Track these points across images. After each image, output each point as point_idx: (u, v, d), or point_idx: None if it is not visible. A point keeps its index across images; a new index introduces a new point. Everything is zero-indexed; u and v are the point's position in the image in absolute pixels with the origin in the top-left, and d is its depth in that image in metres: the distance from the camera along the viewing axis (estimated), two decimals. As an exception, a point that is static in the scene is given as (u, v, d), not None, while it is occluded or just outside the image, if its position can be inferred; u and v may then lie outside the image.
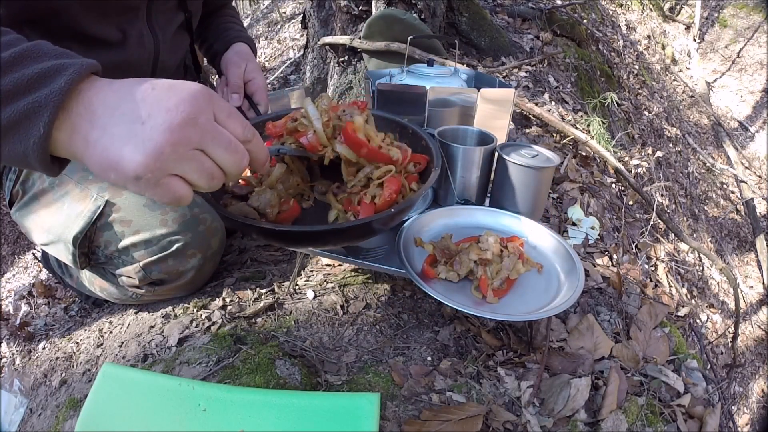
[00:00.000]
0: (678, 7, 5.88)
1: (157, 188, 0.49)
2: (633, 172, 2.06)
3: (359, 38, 2.08)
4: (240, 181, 0.80)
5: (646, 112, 3.55)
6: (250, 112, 1.11)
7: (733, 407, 2.65)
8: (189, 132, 0.49)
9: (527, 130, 1.82)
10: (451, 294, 0.78)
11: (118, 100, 0.49)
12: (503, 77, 2.16)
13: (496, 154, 0.98)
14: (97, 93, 0.49)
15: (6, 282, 2.26)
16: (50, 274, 1.38)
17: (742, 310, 3.17)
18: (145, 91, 0.49)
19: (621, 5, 4.80)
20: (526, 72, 2.24)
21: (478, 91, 1.11)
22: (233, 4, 1.36)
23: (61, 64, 0.49)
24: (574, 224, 1.30)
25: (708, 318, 2.46)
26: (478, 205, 1.03)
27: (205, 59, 1.32)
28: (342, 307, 0.94)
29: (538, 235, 0.92)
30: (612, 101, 2.48)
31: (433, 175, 0.76)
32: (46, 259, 1.28)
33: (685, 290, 2.06)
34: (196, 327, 0.91)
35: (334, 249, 0.89)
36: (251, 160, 0.57)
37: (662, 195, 2.60)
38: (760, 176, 4.40)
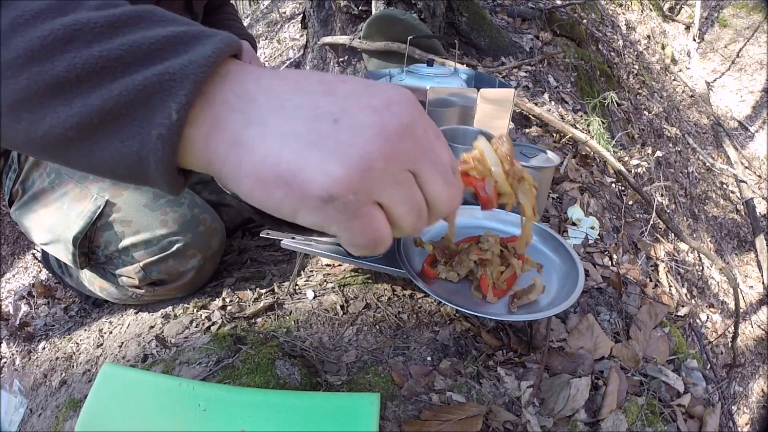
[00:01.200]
0: (678, 6, 5.89)
1: (353, 220, 0.32)
2: (633, 171, 2.06)
3: (359, 38, 2.08)
4: None
5: (645, 112, 3.55)
6: None
7: (733, 407, 2.65)
8: (406, 145, 0.33)
9: (527, 130, 1.82)
10: (451, 294, 0.78)
11: (288, 90, 0.33)
12: (503, 77, 2.16)
13: (496, 154, 0.98)
14: (257, 79, 0.33)
15: (6, 282, 2.27)
16: (50, 274, 1.38)
17: (742, 310, 3.17)
18: (330, 84, 0.34)
19: (621, 5, 4.80)
20: (525, 72, 2.24)
21: (478, 91, 1.11)
22: (233, 3, 1.36)
23: (200, 31, 0.34)
24: (573, 224, 1.30)
25: (708, 318, 2.46)
26: (476, 204, 1.03)
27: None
28: (342, 307, 0.94)
29: (537, 235, 0.92)
30: (612, 101, 2.48)
31: None
32: (46, 259, 1.28)
33: (685, 290, 2.06)
34: (195, 327, 0.91)
35: (335, 249, 0.89)
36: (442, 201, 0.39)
37: (662, 195, 2.60)
38: (759, 176, 4.41)
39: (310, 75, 0.35)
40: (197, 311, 0.96)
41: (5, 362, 1.16)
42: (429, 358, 0.83)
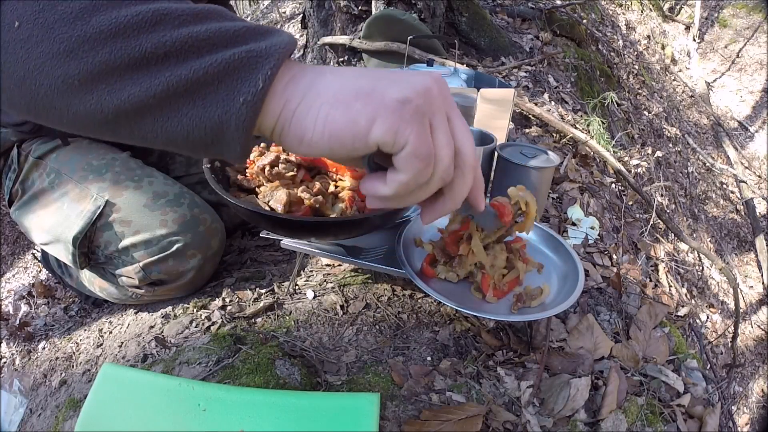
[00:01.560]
0: (678, 7, 5.88)
1: (422, 125, 0.39)
2: (633, 171, 2.06)
3: (359, 38, 2.08)
4: (248, 175, 0.80)
5: (645, 112, 3.55)
6: None
7: (733, 407, 2.65)
8: (446, 97, 0.42)
9: (527, 130, 1.82)
10: (451, 294, 0.78)
11: (349, 71, 0.41)
12: (503, 77, 2.16)
13: (496, 154, 0.98)
14: (320, 69, 0.41)
15: (6, 282, 2.26)
16: (50, 274, 1.38)
17: (741, 310, 3.17)
18: (379, 71, 0.42)
19: (621, 5, 4.80)
20: (525, 72, 2.24)
21: (478, 91, 1.11)
22: (234, 4, 1.35)
23: (272, 27, 0.41)
24: (573, 224, 1.30)
25: (708, 318, 2.46)
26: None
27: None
28: (342, 307, 0.94)
29: (538, 235, 0.92)
30: (612, 101, 2.49)
31: None
32: (45, 259, 1.28)
33: (684, 290, 2.07)
34: (195, 327, 0.91)
35: (335, 249, 0.89)
36: (455, 187, 0.45)
37: (662, 195, 2.60)
38: (759, 176, 4.41)
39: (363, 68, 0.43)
40: (197, 311, 0.96)
41: (5, 362, 1.16)
42: (429, 358, 0.83)
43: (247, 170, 0.81)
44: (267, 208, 0.74)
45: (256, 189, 0.78)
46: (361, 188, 0.44)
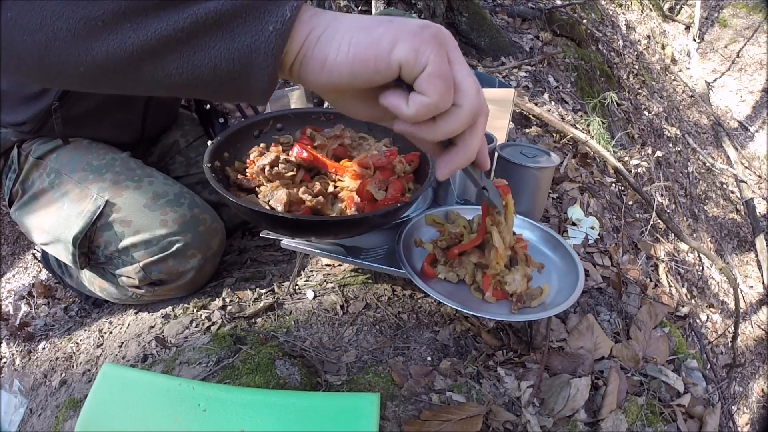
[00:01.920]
0: (678, 6, 5.88)
1: (441, 48, 0.40)
2: (633, 171, 2.06)
3: (359, 38, 2.08)
4: (248, 174, 0.80)
5: (645, 112, 3.55)
6: (249, 110, 1.11)
7: (733, 407, 2.65)
8: (443, 37, 0.42)
9: (527, 130, 1.82)
10: (451, 294, 0.78)
11: (358, 17, 0.43)
12: (503, 77, 2.16)
13: (496, 154, 0.98)
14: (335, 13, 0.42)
15: (6, 282, 2.26)
16: (50, 275, 1.38)
17: (742, 310, 3.17)
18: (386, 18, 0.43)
19: (621, 5, 4.80)
20: (525, 72, 2.24)
21: (478, 91, 1.11)
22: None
23: None
24: (573, 224, 1.30)
25: (708, 318, 2.46)
26: (478, 205, 1.03)
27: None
28: (342, 307, 0.94)
29: (538, 235, 0.92)
30: (612, 101, 2.49)
31: (431, 174, 0.77)
32: (45, 259, 1.28)
33: (685, 290, 2.06)
34: (195, 327, 0.91)
35: (335, 249, 0.89)
36: (448, 124, 0.44)
37: (662, 195, 2.60)
38: (759, 176, 4.41)
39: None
40: (197, 311, 0.96)
41: (5, 362, 1.16)
42: (429, 358, 0.83)
43: (246, 170, 0.81)
44: (267, 207, 0.74)
45: (256, 189, 0.78)
46: (383, 101, 0.43)
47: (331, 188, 0.80)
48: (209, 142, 0.79)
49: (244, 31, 0.37)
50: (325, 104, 2.41)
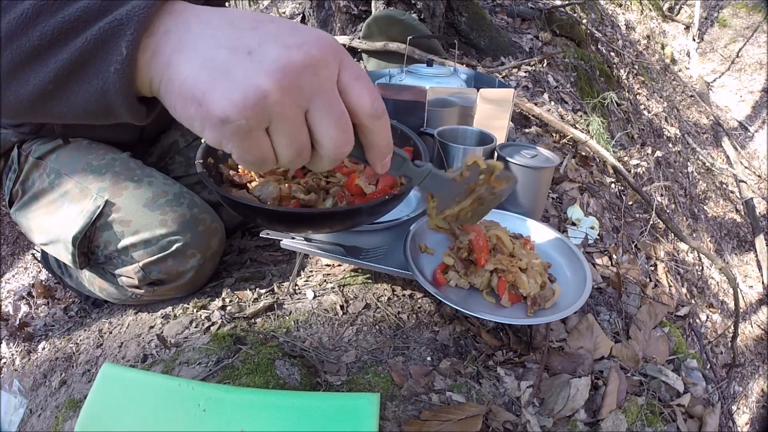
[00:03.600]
0: (677, 6, 5.89)
1: (244, 141, 0.38)
2: (632, 171, 2.06)
3: (359, 38, 2.08)
4: (240, 171, 0.80)
5: (645, 112, 3.55)
6: None
7: (732, 407, 2.65)
8: (305, 81, 0.38)
9: (527, 130, 1.82)
10: (465, 300, 0.78)
11: (223, 23, 0.39)
12: (503, 77, 2.16)
13: (496, 154, 0.98)
14: (198, 13, 0.40)
15: (6, 282, 2.26)
16: (50, 275, 1.38)
17: (741, 310, 3.17)
18: (261, 21, 0.40)
19: (620, 5, 4.81)
20: (525, 72, 2.24)
21: (478, 91, 1.11)
22: (234, 3, 1.35)
23: None
24: (573, 224, 1.30)
25: (708, 318, 2.46)
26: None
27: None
28: (342, 307, 0.94)
29: (543, 236, 0.92)
30: (611, 101, 2.49)
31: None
32: (45, 260, 1.28)
33: (684, 290, 2.06)
34: (195, 327, 0.90)
35: (335, 249, 0.89)
36: (370, 146, 0.45)
37: (662, 195, 2.60)
38: (759, 176, 4.41)
39: (248, 13, 0.41)
40: (197, 311, 0.96)
41: (5, 362, 1.16)
42: (429, 358, 0.83)
43: (239, 166, 0.81)
44: (257, 201, 0.74)
45: (248, 184, 0.79)
46: None
47: (323, 183, 0.81)
48: (203, 140, 0.79)
49: (95, 74, 0.39)
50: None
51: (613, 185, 1.83)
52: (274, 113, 0.38)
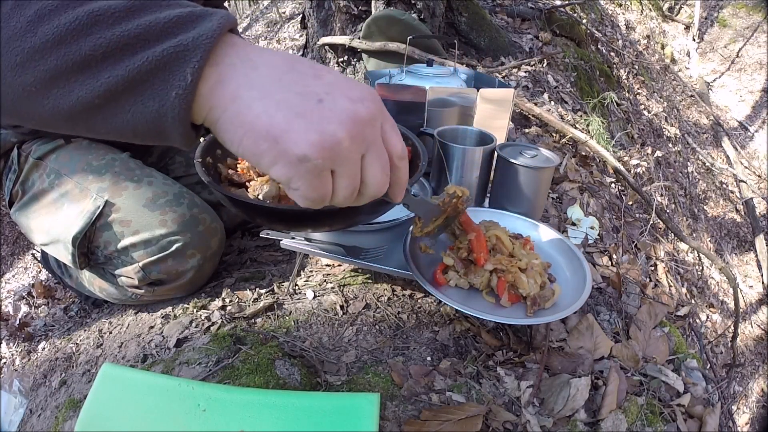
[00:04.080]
0: (677, 6, 5.89)
1: (315, 179, 0.41)
2: (632, 171, 2.06)
3: (358, 38, 2.08)
4: (239, 170, 0.80)
5: (645, 112, 3.55)
6: None
7: (732, 407, 2.65)
8: (367, 132, 0.42)
9: (527, 130, 1.82)
10: (465, 300, 0.78)
11: (285, 65, 0.41)
12: (503, 77, 2.16)
13: (496, 154, 0.98)
14: (259, 51, 0.41)
15: (5, 282, 2.26)
16: (50, 275, 1.38)
17: (741, 310, 3.17)
18: (318, 70, 0.43)
19: (620, 5, 4.81)
20: (525, 72, 2.24)
21: (478, 91, 1.11)
22: (233, 3, 1.36)
23: (203, 10, 0.41)
24: (573, 224, 1.30)
25: (708, 317, 2.46)
26: (477, 206, 1.03)
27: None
28: (342, 307, 0.94)
29: (543, 236, 0.92)
30: (611, 101, 2.49)
31: (422, 166, 0.78)
32: (45, 260, 1.28)
33: (684, 290, 2.06)
34: (195, 327, 0.90)
35: (335, 249, 0.89)
36: (395, 182, 0.50)
37: (662, 195, 2.60)
38: (759, 176, 4.41)
39: (302, 59, 0.43)
40: (197, 311, 0.96)
41: (5, 362, 1.16)
42: (429, 358, 0.83)
43: (238, 165, 0.81)
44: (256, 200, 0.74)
45: (247, 184, 0.79)
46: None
47: None
48: (202, 139, 0.79)
49: (153, 95, 0.38)
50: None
51: (613, 185, 1.83)
52: (342, 158, 0.41)
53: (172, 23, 0.39)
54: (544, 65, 2.38)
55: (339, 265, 1.07)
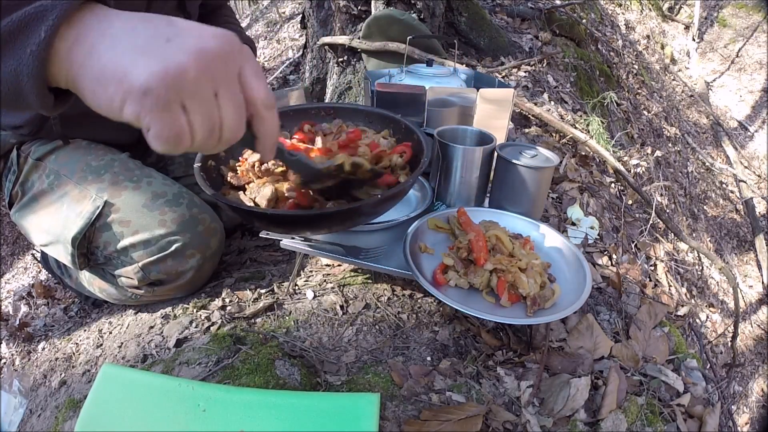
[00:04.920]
0: (677, 6, 5.89)
1: (163, 113, 0.41)
2: (632, 171, 2.06)
3: (358, 38, 2.08)
4: (239, 172, 0.81)
5: (645, 112, 3.55)
6: None
7: (732, 406, 2.65)
8: (218, 66, 0.43)
9: (526, 130, 1.82)
10: (464, 300, 0.78)
11: (142, 20, 0.43)
12: (502, 77, 2.16)
13: (496, 154, 0.98)
14: (117, 12, 0.43)
15: (5, 283, 2.26)
16: (50, 275, 1.38)
17: (741, 310, 3.17)
18: (175, 21, 0.43)
19: (620, 5, 4.81)
20: (525, 72, 2.24)
21: (478, 91, 1.11)
22: (233, 3, 1.36)
23: None
24: (573, 224, 1.30)
25: (707, 317, 2.46)
26: (477, 206, 1.03)
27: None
28: (341, 307, 0.94)
29: (543, 236, 0.92)
30: (611, 101, 2.49)
31: (423, 163, 0.78)
32: (45, 260, 1.28)
33: (684, 290, 2.06)
34: (195, 327, 0.90)
35: (334, 249, 0.89)
36: (262, 129, 0.49)
37: (661, 195, 2.60)
38: (759, 176, 4.41)
39: (162, 16, 0.44)
40: (197, 311, 0.96)
41: (5, 362, 1.16)
42: (429, 358, 0.83)
43: (238, 168, 0.82)
44: (252, 204, 0.74)
45: (246, 186, 0.79)
46: None
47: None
48: None
49: (12, 55, 0.40)
50: (326, 98, 2.41)
51: (612, 185, 1.83)
52: (190, 90, 0.41)
53: None
54: (544, 65, 2.38)
55: (339, 265, 1.07)
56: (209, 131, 0.44)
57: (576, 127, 1.87)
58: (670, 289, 1.48)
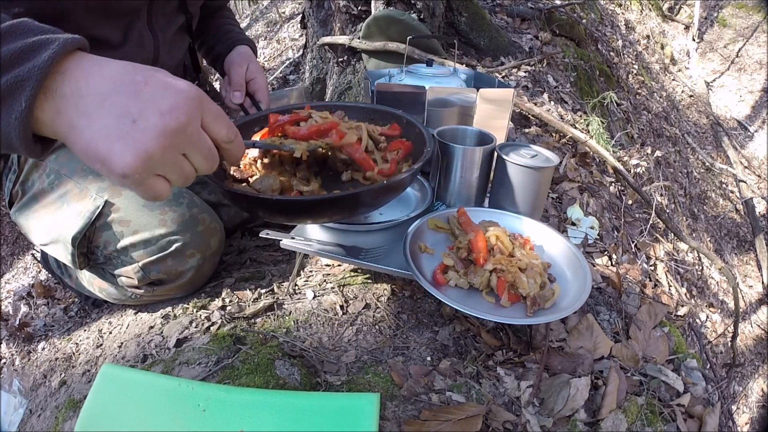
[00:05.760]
0: (677, 6, 5.89)
1: (140, 187, 0.51)
2: (632, 171, 2.06)
3: (358, 38, 2.08)
4: (242, 166, 0.82)
5: (645, 112, 3.55)
6: (252, 109, 1.12)
7: (732, 406, 2.65)
8: (178, 139, 0.51)
9: (526, 130, 1.82)
10: (464, 300, 0.78)
11: (108, 89, 0.49)
12: (502, 77, 2.16)
13: (496, 154, 0.98)
14: (86, 77, 0.49)
15: (5, 282, 2.26)
16: (49, 275, 1.38)
17: (741, 310, 3.17)
18: (138, 85, 0.50)
19: (620, 5, 4.81)
20: (525, 72, 2.24)
21: (477, 91, 1.11)
22: (233, 3, 1.36)
23: (46, 39, 0.49)
24: (573, 224, 1.30)
25: (707, 317, 2.46)
26: (477, 206, 1.03)
27: (204, 60, 1.33)
28: (341, 307, 0.94)
29: (543, 236, 0.92)
30: (611, 101, 2.49)
31: (426, 153, 0.78)
32: (45, 260, 1.28)
33: (684, 290, 2.06)
34: (195, 327, 0.90)
35: (335, 249, 0.89)
36: (228, 157, 0.60)
37: (661, 195, 2.60)
38: (759, 176, 4.41)
39: (127, 74, 0.50)
40: (197, 311, 0.96)
41: (5, 362, 1.16)
42: (429, 358, 0.83)
43: (241, 162, 0.82)
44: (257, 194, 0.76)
45: (249, 179, 0.80)
46: None
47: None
48: None
49: (4, 113, 0.47)
50: (326, 98, 2.41)
51: (612, 185, 1.83)
52: (160, 163, 0.50)
53: (17, 54, 0.47)
54: (544, 65, 2.38)
55: (339, 265, 1.07)
56: (185, 179, 0.54)
57: (576, 127, 1.87)
58: (670, 289, 1.48)
